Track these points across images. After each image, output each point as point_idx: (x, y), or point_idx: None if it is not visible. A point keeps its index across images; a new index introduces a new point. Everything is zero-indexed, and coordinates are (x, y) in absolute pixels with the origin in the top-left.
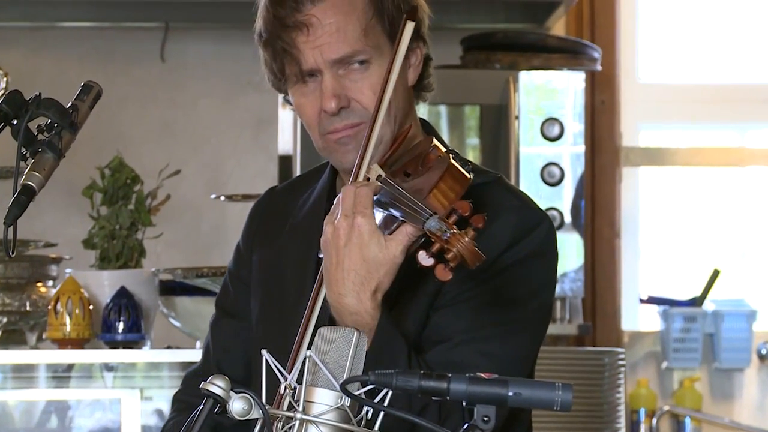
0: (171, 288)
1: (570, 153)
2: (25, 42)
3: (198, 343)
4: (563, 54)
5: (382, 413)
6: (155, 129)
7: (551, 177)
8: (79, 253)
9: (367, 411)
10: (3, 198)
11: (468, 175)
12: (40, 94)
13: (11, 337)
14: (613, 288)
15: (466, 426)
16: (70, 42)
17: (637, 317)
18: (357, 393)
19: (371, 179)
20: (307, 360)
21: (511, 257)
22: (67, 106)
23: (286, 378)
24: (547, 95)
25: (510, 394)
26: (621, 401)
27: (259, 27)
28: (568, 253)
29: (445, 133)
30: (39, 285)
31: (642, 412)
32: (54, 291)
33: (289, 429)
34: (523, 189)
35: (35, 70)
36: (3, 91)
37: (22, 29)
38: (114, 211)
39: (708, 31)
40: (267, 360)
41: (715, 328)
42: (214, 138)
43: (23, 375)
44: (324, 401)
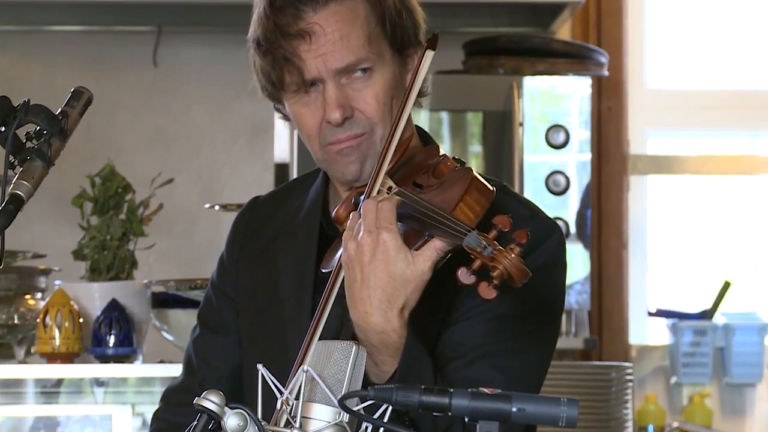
0: (164, 300)
1: (576, 161)
2: (13, 46)
3: None
4: (569, 59)
5: (382, 429)
6: (147, 136)
7: (556, 186)
8: (69, 265)
9: (367, 427)
10: None
11: (491, 188)
12: (28, 100)
13: None
14: (621, 300)
15: None
16: (59, 46)
17: (645, 331)
18: (356, 408)
19: (382, 191)
20: (304, 375)
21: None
22: (57, 112)
23: (282, 393)
24: (552, 101)
25: (514, 409)
26: (628, 418)
27: (257, 35)
28: (574, 265)
29: (447, 141)
30: (27, 297)
31: (650, 429)
32: (43, 303)
33: None
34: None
35: (23, 75)
36: None
37: (9, 33)
38: (105, 221)
39: (718, 35)
40: (263, 375)
41: (726, 341)
42: (208, 145)
43: (11, 390)
44: (322, 417)
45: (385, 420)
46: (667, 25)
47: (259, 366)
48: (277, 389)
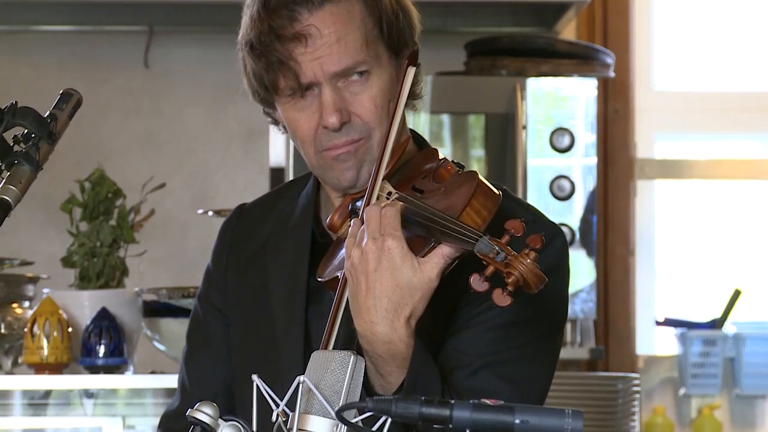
0: (155, 309)
1: (581, 165)
2: (0, 46)
3: None
4: (574, 59)
5: None
6: (138, 139)
7: (561, 191)
8: (58, 272)
9: None
10: None
11: (497, 192)
12: (16, 102)
13: None
14: (627, 309)
15: None
16: (48, 47)
17: (653, 340)
18: (354, 420)
19: (381, 197)
20: (301, 386)
21: None
22: (45, 115)
23: (278, 405)
24: (557, 103)
25: (517, 421)
26: (635, 430)
27: (250, 37)
28: (579, 272)
29: (448, 144)
30: (14, 306)
31: None
32: (30, 312)
33: None
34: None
35: (11, 76)
36: None
37: None
38: (94, 227)
39: (729, 35)
40: (258, 386)
41: (736, 352)
42: (201, 149)
43: None
44: (319, 429)
45: None
46: (676, 25)
47: (254, 377)
48: (273, 401)
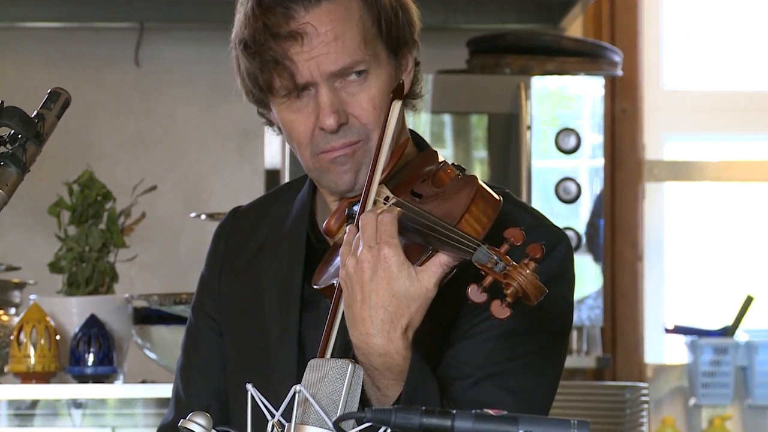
0: (146, 316)
1: (587, 167)
2: None
3: None
4: (580, 57)
5: None
6: (129, 140)
7: (567, 193)
8: (45, 278)
9: None
10: None
11: (498, 197)
12: (2, 102)
13: None
14: (635, 316)
15: None
16: (34, 44)
17: (662, 349)
18: (352, 431)
19: (378, 201)
20: (297, 395)
21: None
22: (32, 115)
23: (273, 415)
24: (563, 103)
25: None
26: None
27: (244, 35)
28: (585, 278)
29: (450, 145)
30: (0, 313)
31: None
32: (17, 319)
33: None
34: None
35: None
36: None
37: None
38: (83, 231)
39: (740, 33)
40: (253, 396)
41: (749, 360)
42: (193, 150)
43: None
44: None
45: None
46: (686, 21)
47: (249, 386)
48: (268, 411)
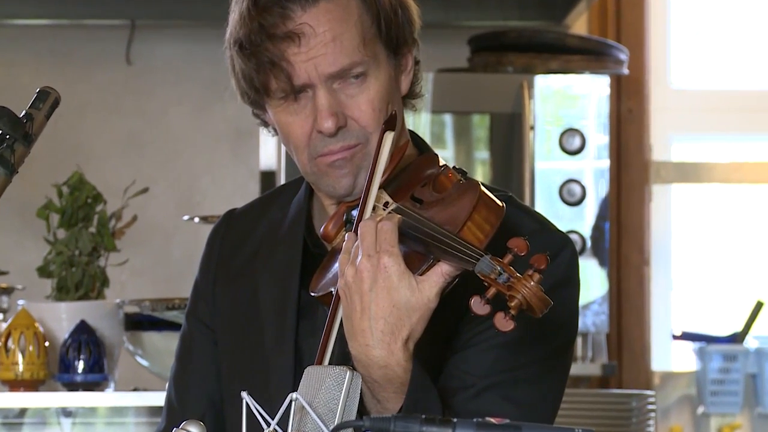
0: (138, 322)
1: (592, 168)
2: None
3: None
4: (585, 55)
5: None
6: (120, 141)
7: (571, 196)
8: (34, 283)
9: None
10: None
11: (501, 204)
12: None
13: None
14: (642, 322)
15: None
16: (23, 42)
17: (669, 355)
18: None
19: (377, 207)
20: (294, 403)
21: None
22: (21, 115)
23: (269, 423)
24: (567, 102)
25: None
26: None
27: (239, 36)
28: (590, 283)
29: (451, 146)
30: None
31: None
32: (5, 325)
33: None
34: (540, 209)
35: None
36: None
37: None
38: (73, 235)
39: (749, 30)
40: (248, 404)
41: (759, 367)
42: (186, 151)
43: None
44: None
45: None
46: (694, 18)
47: (244, 394)
48: (264, 419)
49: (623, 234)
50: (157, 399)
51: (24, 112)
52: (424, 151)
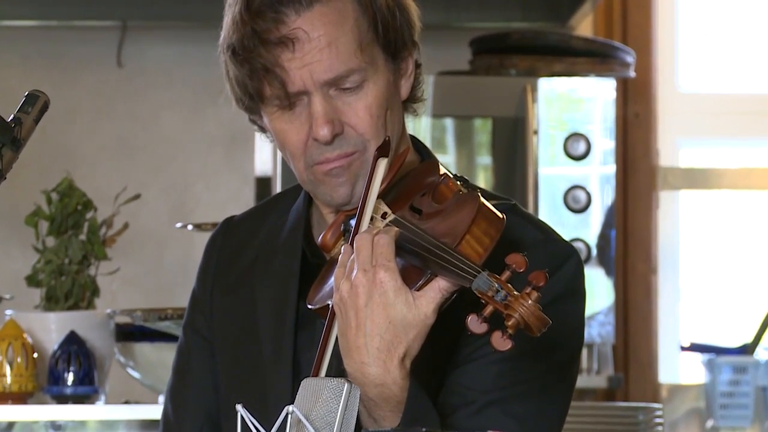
0: (129, 333)
1: (598, 174)
2: None
3: (161, 398)
4: (590, 58)
5: None
6: (111, 146)
7: (576, 202)
8: (22, 292)
9: None
10: None
11: (501, 216)
12: None
13: None
14: (649, 333)
15: None
16: (10, 44)
17: (677, 367)
18: None
19: (375, 218)
20: (290, 416)
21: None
22: (9, 119)
23: None
24: (572, 106)
25: None
26: None
27: (232, 41)
28: (596, 293)
29: (452, 151)
30: None
31: None
32: None
33: None
34: (543, 217)
35: None
36: None
37: None
38: (62, 243)
39: (760, 32)
40: (243, 417)
41: None
42: (179, 156)
43: None
44: None
45: None
46: (703, 19)
47: (238, 407)
48: None
49: (630, 242)
50: (149, 412)
51: (12, 116)
52: (425, 158)
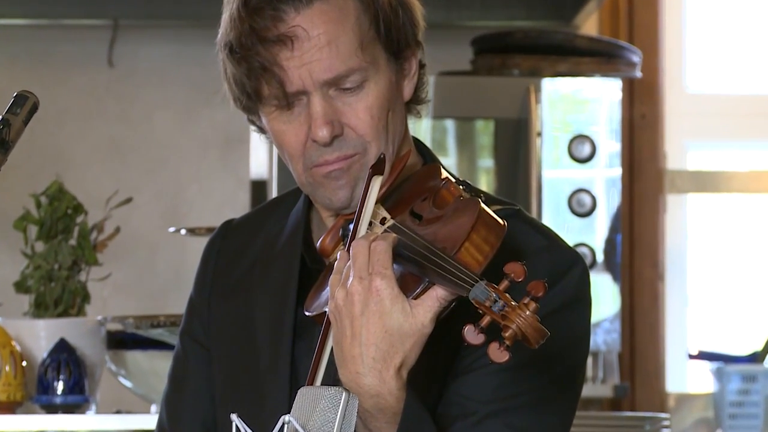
0: (120, 340)
1: (603, 177)
2: None
3: (153, 407)
4: (595, 57)
5: None
6: (102, 148)
7: (581, 206)
8: (10, 298)
9: None
10: None
11: (502, 222)
12: None
13: None
14: (656, 341)
15: None
16: None
17: (685, 376)
18: None
19: (374, 223)
20: (286, 426)
21: (542, 309)
22: None
23: None
24: (576, 107)
25: None
26: None
27: (229, 38)
28: (601, 300)
29: (453, 153)
30: None
31: None
32: None
33: None
34: (547, 221)
35: None
36: None
37: None
38: (52, 248)
39: None
40: (238, 426)
41: None
42: (172, 159)
43: None
44: None
45: None
46: (711, 19)
47: (233, 416)
48: None
49: (636, 247)
50: (141, 422)
51: (0, 117)
52: (428, 161)
